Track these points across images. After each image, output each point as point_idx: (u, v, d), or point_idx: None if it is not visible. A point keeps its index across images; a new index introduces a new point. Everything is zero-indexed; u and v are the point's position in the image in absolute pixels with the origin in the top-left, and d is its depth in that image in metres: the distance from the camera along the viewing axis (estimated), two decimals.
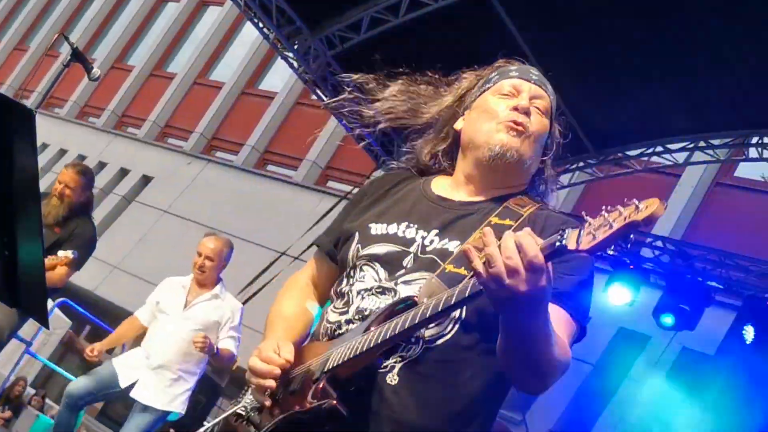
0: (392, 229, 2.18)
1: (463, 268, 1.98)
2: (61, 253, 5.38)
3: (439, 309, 1.83)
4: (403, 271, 2.10)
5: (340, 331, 2.11)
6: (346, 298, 2.17)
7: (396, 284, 2.09)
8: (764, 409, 8.27)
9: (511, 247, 1.68)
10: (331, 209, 10.44)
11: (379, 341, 1.91)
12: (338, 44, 8.26)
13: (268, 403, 2.07)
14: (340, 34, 8.19)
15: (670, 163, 9.14)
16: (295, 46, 8.39)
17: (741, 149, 8.53)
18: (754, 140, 8.24)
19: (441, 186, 2.30)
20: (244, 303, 10.00)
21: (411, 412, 2.00)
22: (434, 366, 2.01)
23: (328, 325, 2.17)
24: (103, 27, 21.97)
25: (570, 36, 7.86)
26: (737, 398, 8.43)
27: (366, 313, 2.07)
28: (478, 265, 1.72)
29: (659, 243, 9.05)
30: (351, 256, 2.20)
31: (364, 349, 1.93)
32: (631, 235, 1.61)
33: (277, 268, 10.30)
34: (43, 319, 2.45)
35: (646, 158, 9.20)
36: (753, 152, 8.38)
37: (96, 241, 6.03)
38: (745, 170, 11.41)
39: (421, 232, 2.15)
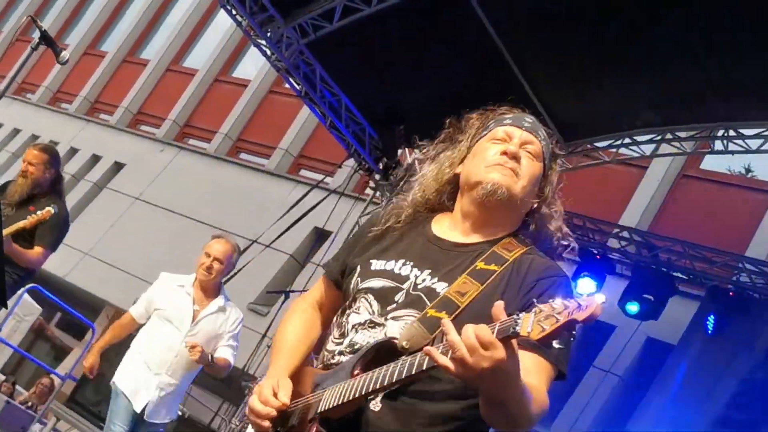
0: (390, 265, 2.40)
1: (444, 312, 2.20)
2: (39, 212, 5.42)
3: (413, 372, 2.03)
4: (394, 305, 2.31)
5: (333, 361, 2.35)
6: (342, 330, 2.41)
7: (386, 319, 2.31)
8: (725, 398, 8.43)
9: (469, 334, 1.89)
10: (302, 197, 10.48)
11: (363, 392, 2.12)
12: (311, 32, 8.29)
13: (265, 424, 2.27)
14: (313, 23, 8.22)
15: (637, 155, 9.26)
16: (268, 34, 8.41)
17: (707, 142, 8.66)
18: (720, 133, 8.37)
19: (440, 225, 2.50)
20: None
21: (394, 429, 2.22)
22: (414, 394, 2.22)
23: (326, 353, 2.42)
24: (75, 13, 21.80)
25: (542, 29, 7.95)
26: (699, 387, 8.59)
27: (356, 347, 2.30)
28: (444, 361, 1.92)
29: (626, 234, 9.19)
30: (352, 288, 2.44)
31: (352, 398, 2.14)
32: (573, 331, 1.90)
33: (249, 256, 10.32)
34: (1, 298, 2.49)
35: (614, 150, 9.32)
36: (718, 145, 8.51)
37: (69, 223, 6.02)
38: (710, 163, 11.57)
39: (415, 271, 2.36)
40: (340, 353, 2.35)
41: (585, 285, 9.00)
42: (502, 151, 2.41)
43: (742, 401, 8.31)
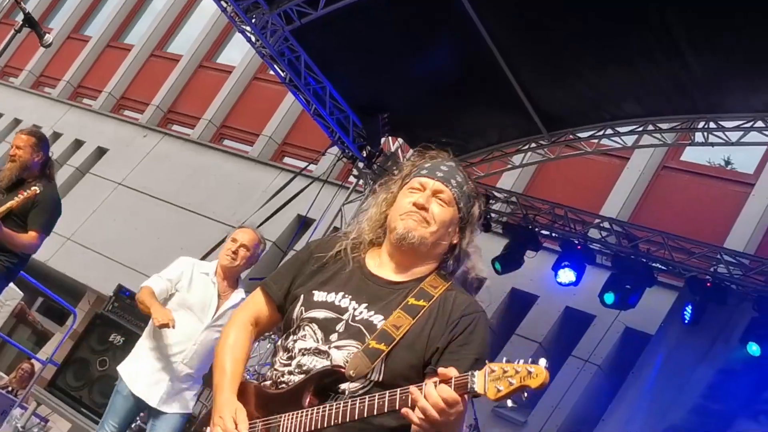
0: (330, 297, 2.70)
1: (383, 344, 2.54)
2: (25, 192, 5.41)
3: (385, 410, 2.39)
4: (336, 335, 2.62)
5: (283, 379, 2.65)
6: (290, 353, 2.68)
7: (330, 348, 2.61)
8: (701, 388, 8.53)
9: (436, 398, 2.27)
10: (286, 185, 10.49)
11: (323, 426, 2.45)
12: (296, 19, 8.28)
13: None
14: (298, 9, 8.22)
15: (619, 145, 9.32)
16: (253, 20, 8.40)
17: (688, 134, 8.73)
18: (701, 125, 8.44)
19: (373, 261, 2.81)
20: None
21: None
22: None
23: (276, 372, 2.70)
24: None
25: (525, 19, 7.98)
26: (676, 377, 8.69)
27: (304, 368, 2.61)
28: (418, 421, 2.30)
29: (606, 224, 9.26)
30: (295, 316, 2.72)
31: (312, 429, 2.47)
32: (524, 395, 2.22)
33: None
34: None
35: (596, 140, 9.38)
36: (699, 137, 8.58)
37: (61, 205, 5.98)
38: (690, 155, 11.66)
39: (353, 303, 2.67)
40: (290, 373, 2.64)
41: (565, 275, 9.07)
42: (413, 201, 2.72)
43: (718, 391, 8.42)
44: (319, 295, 2.72)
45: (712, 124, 8.40)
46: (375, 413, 2.37)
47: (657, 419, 8.55)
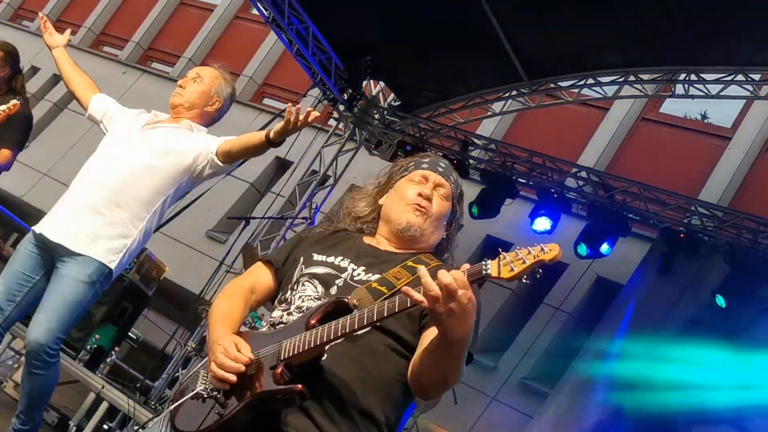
0: (331, 258, 2.75)
1: (385, 287, 2.56)
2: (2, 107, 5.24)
3: (385, 314, 2.31)
4: (335, 288, 2.64)
5: (282, 320, 2.63)
6: (289, 302, 2.69)
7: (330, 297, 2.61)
8: (670, 337, 8.68)
9: (446, 273, 2.21)
10: (265, 126, 10.43)
11: (331, 337, 2.38)
12: None
13: (226, 387, 2.48)
14: None
15: (599, 96, 9.33)
16: None
17: (668, 85, 8.75)
18: (682, 77, 8.46)
19: (369, 240, 2.87)
20: (173, 217, 10.04)
21: (337, 382, 2.49)
22: (355, 351, 2.53)
23: (271, 319, 2.69)
24: None
25: None
26: (645, 326, 8.83)
27: (304, 309, 2.61)
28: (419, 296, 2.24)
29: (583, 174, 9.30)
30: (296, 274, 2.75)
31: (316, 344, 2.39)
32: (539, 271, 2.16)
33: (208, 185, 10.29)
34: None
35: (577, 90, 9.38)
36: (680, 89, 8.61)
37: (32, 120, 5.83)
38: (669, 107, 11.71)
39: (352, 265, 2.71)
40: (289, 314, 2.64)
41: (541, 223, 9.13)
42: (418, 192, 2.81)
43: (686, 340, 8.57)
44: (319, 257, 2.77)
45: (693, 77, 8.42)
46: (386, 315, 2.31)
47: (626, 367, 8.71)
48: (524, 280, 2.19)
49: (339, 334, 2.37)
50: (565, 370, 9.32)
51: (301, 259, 2.79)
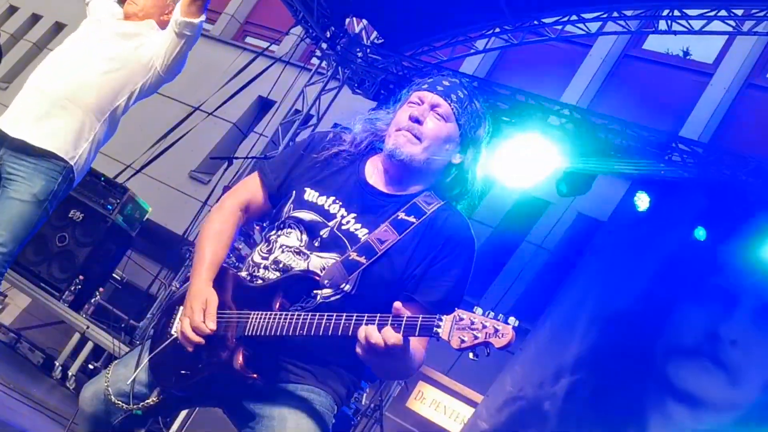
0: (321, 200, 2.68)
1: (364, 257, 2.55)
2: None
3: (339, 333, 2.38)
4: (319, 241, 2.62)
5: (258, 274, 2.66)
6: (270, 246, 2.70)
7: (311, 253, 2.62)
8: (649, 274, 8.78)
9: (376, 335, 2.28)
10: (247, 65, 10.35)
11: (292, 332, 2.44)
12: None
13: (191, 349, 2.59)
14: None
15: (582, 32, 9.28)
16: None
17: (652, 21, 8.72)
18: (665, 12, 8.42)
19: (370, 169, 2.76)
20: (156, 157, 10.02)
21: (306, 345, 2.58)
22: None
23: (251, 264, 2.72)
24: None
25: None
26: (625, 263, 8.92)
27: (281, 265, 2.63)
28: (360, 351, 2.34)
29: (566, 111, 9.28)
30: (284, 212, 2.71)
31: (278, 334, 2.46)
32: (488, 351, 2.20)
33: (192, 123, 10.26)
34: None
35: (560, 27, 9.32)
36: (662, 25, 8.58)
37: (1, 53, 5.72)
38: (652, 43, 11.67)
39: (342, 211, 2.65)
40: (266, 268, 2.66)
41: None
42: (410, 114, 2.66)
43: (665, 278, 8.68)
44: (310, 194, 2.70)
45: (676, 12, 8.38)
46: (329, 334, 2.38)
47: (605, 304, 8.82)
48: (470, 357, 2.23)
49: (302, 333, 2.43)
50: (547, 306, 9.44)
51: (293, 193, 2.73)
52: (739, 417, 7.64)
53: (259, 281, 2.65)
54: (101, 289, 8.15)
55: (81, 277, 7.55)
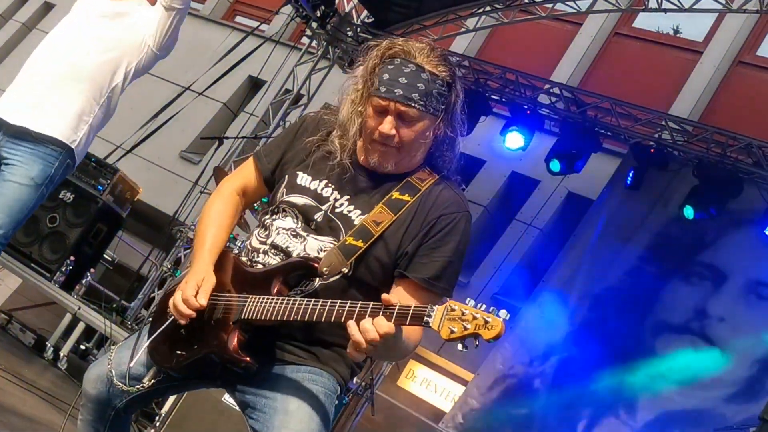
0: (314, 184, 2.68)
1: (360, 240, 2.54)
2: None
3: (332, 319, 2.39)
4: (314, 224, 2.63)
5: (258, 259, 2.67)
6: (267, 231, 2.70)
7: (308, 235, 2.63)
8: (638, 251, 8.83)
9: (371, 329, 2.30)
10: (237, 44, 10.31)
11: (291, 318, 2.45)
12: None
13: (184, 321, 2.62)
14: None
15: (573, 10, 9.27)
16: None
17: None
18: None
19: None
20: (146, 138, 10.00)
21: (308, 327, 2.60)
22: (325, 297, 2.51)
23: (250, 248, 2.73)
24: None
25: None
26: (614, 240, 8.97)
27: (279, 248, 2.64)
28: (355, 352, 2.37)
29: (556, 89, 9.30)
30: (278, 196, 2.72)
31: (275, 318, 2.47)
32: (476, 343, 2.20)
33: (182, 103, 10.23)
34: None
35: (550, 5, 9.31)
36: (653, 2, 8.57)
37: None
38: (642, 21, 11.66)
39: (335, 194, 2.65)
40: (264, 252, 2.67)
41: (513, 139, 9.17)
42: (380, 131, 2.53)
43: (654, 253, 8.73)
44: (303, 178, 2.70)
45: None
46: (323, 320, 2.40)
47: (595, 280, 8.87)
48: (459, 348, 2.22)
49: (297, 318, 2.44)
50: (536, 284, 9.48)
51: (286, 178, 2.73)
52: (727, 394, 7.72)
53: (259, 266, 2.67)
54: (92, 270, 8.15)
55: (72, 257, 7.56)
